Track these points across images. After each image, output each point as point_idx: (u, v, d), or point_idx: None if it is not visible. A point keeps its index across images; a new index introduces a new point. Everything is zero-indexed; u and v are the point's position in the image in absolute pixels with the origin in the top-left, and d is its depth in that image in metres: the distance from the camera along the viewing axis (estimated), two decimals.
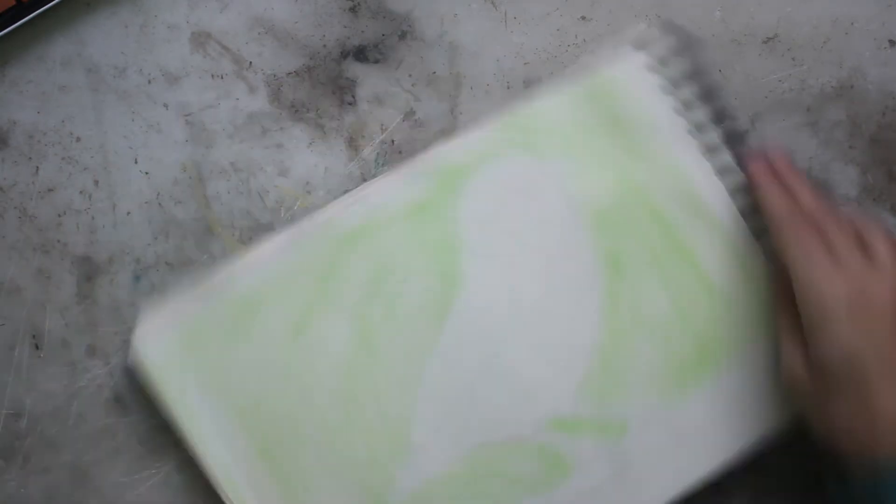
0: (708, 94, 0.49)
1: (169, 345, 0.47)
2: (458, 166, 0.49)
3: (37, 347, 0.50)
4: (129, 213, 0.50)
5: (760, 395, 0.49)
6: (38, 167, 0.50)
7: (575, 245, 0.49)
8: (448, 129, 0.50)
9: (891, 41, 0.50)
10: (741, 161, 0.49)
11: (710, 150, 0.49)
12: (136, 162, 0.50)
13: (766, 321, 0.49)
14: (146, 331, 0.48)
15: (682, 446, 0.48)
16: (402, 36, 0.50)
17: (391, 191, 0.48)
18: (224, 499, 0.47)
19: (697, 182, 0.49)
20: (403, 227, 0.48)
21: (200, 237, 0.50)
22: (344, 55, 0.50)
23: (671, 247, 0.49)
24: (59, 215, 0.50)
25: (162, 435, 0.49)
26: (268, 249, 0.48)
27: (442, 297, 0.48)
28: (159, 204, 0.50)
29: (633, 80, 0.49)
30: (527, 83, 0.50)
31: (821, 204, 0.46)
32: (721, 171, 0.49)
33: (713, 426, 0.48)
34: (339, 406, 0.48)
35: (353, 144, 0.50)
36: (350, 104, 0.50)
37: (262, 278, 0.48)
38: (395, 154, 0.50)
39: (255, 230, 0.50)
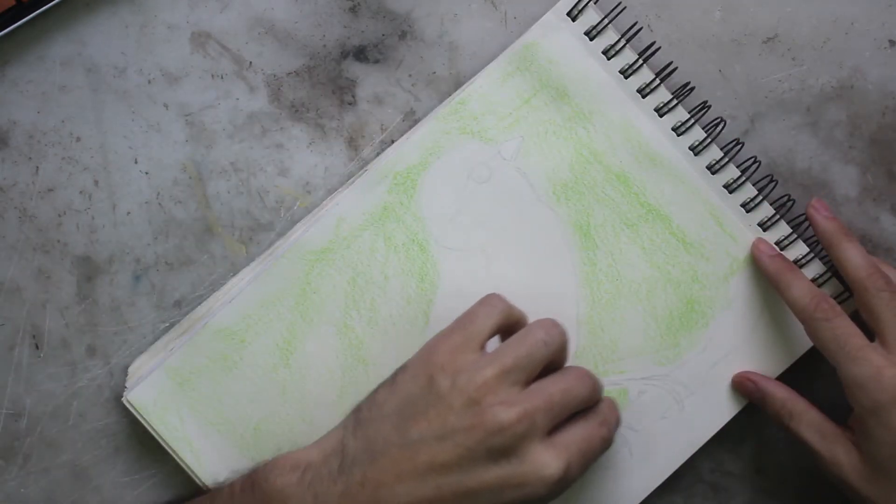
0: (648, 55, 0.48)
1: (161, 391, 0.48)
2: (412, 165, 0.49)
3: (37, 347, 0.50)
4: (129, 213, 0.50)
5: (756, 343, 0.49)
6: (38, 167, 0.50)
7: (542, 222, 0.49)
8: None
9: (891, 41, 0.50)
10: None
11: (661, 109, 0.49)
12: (136, 162, 0.50)
13: (747, 267, 0.49)
14: (137, 380, 0.48)
15: (684, 408, 0.48)
16: (402, 36, 0.50)
17: (352, 201, 0.49)
18: None
19: (654, 139, 0.48)
20: (371, 234, 0.48)
21: (200, 237, 0.50)
22: (344, 55, 0.50)
23: (639, 208, 0.49)
24: (59, 215, 0.50)
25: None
26: (241, 281, 0.49)
27: (422, 295, 0.48)
28: (159, 204, 0.50)
29: (571, 48, 0.48)
30: None
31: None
32: (676, 128, 0.48)
33: (713, 381, 0.49)
34: (339, 418, 0.48)
35: (353, 144, 0.50)
36: (350, 104, 0.50)
37: (242, 311, 0.48)
38: None
39: (255, 230, 0.50)
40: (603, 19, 0.48)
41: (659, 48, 0.49)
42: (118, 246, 0.50)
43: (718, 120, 0.49)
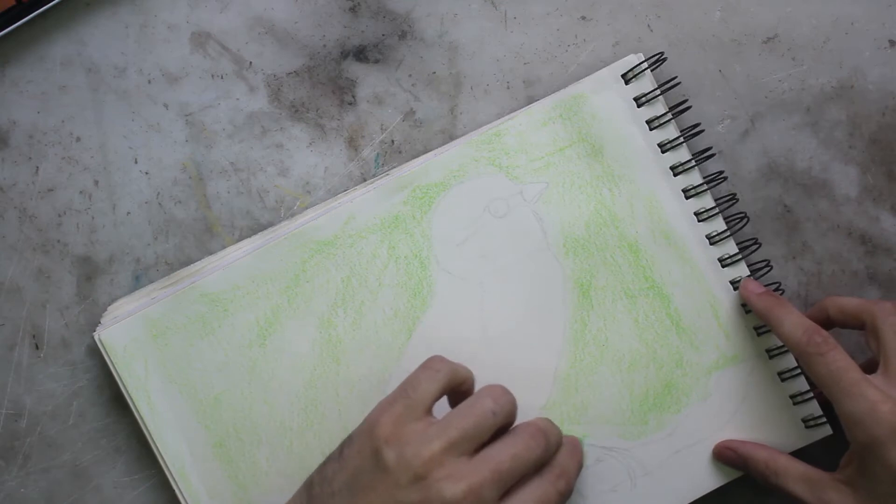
0: (690, 135, 0.49)
1: (135, 338, 0.48)
2: (433, 182, 0.49)
3: (37, 347, 0.50)
4: (129, 213, 0.50)
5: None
6: (38, 167, 0.50)
7: (546, 271, 0.49)
8: (448, 129, 0.50)
9: (891, 41, 0.50)
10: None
11: (689, 191, 0.49)
12: (136, 162, 0.50)
13: (733, 365, 0.49)
14: (113, 320, 0.48)
15: (636, 486, 0.48)
16: (402, 36, 0.50)
17: (366, 203, 0.49)
18: (177, 493, 0.48)
19: (675, 219, 0.49)
20: (377, 239, 0.49)
21: (200, 237, 0.50)
22: (344, 55, 0.50)
23: (643, 281, 0.49)
24: (59, 215, 0.50)
25: None
26: (239, 250, 0.49)
27: (410, 311, 0.48)
28: (159, 204, 0.50)
29: (617, 109, 0.48)
30: (526, 83, 0.50)
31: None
32: (699, 213, 0.49)
33: (671, 467, 0.48)
34: (300, 410, 0.48)
35: (353, 144, 0.50)
36: (350, 104, 0.50)
37: (233, 280, 0.48)
38: (394, 154, 0.50)
39: (255, 230, 0.50)
40: (655, 90, 0.48)
41: (702, 131, 0.49)
42: (118, 246, 0.50)
43: (742, 215, 0.49)
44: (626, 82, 0.48)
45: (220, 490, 0.48)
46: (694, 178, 0.49)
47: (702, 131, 0.49)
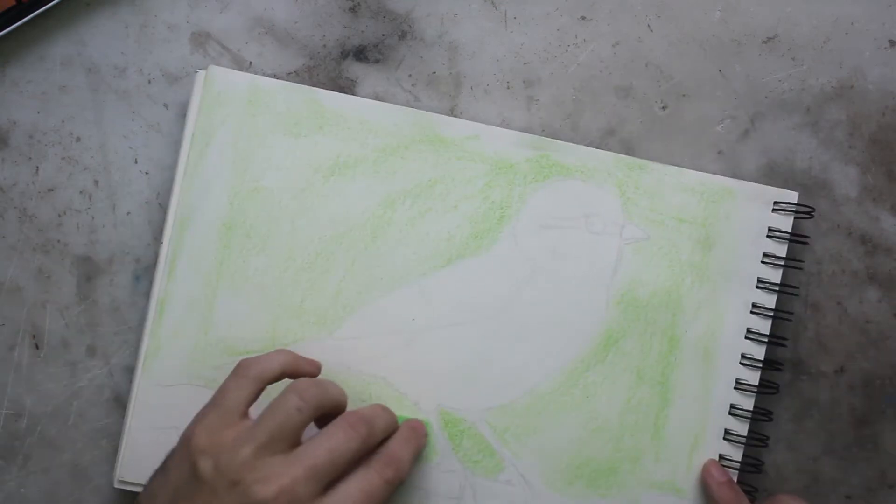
0: (794, 265, 0.49)
1: (238, 86, 0.48)
2: (563, 164, 0.49)
3: (37, 347, 0.50)
4: (129, 213, 0.50)
5: None
6: (38, 167, 0.50)
7: (590, 302, 0.48)
8: None
9: (891, 41, 0.50)
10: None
11: (758, 310, 0.48)
12: (136, 162, 0.50)
13: (673, 498, 0.48)
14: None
15: None
16: (402, 36, 0.50)
17: (498, 136, 0.49)
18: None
19: (725, 336, 0.48)
20: (482, 170, 0.48)
21: None
22: (344, 55, 0.50)
23: (658, 374, 0.48)
24: (59, 215, 0.50)
25: None
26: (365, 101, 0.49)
27: (460, 246, 0.48)
28: (159, 204, 0.50)
29: (750, 229, 0.48)
30: (526, 83, 0.50)
31: None
32: (750, 330, 0.48)
33: None
34: (312, 252, 0.48)
35: None
36: None
37: (348, 110, 0.48)
38: None
39: None
40: (786, 233, 0.48)
41: (808, 241, 0.49)
42: (118, 246, 0.50)
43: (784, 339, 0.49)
44: (773, 210, 0.48)
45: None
46: (769, 299, 0.48)
47: (802, 265, 0.49)
